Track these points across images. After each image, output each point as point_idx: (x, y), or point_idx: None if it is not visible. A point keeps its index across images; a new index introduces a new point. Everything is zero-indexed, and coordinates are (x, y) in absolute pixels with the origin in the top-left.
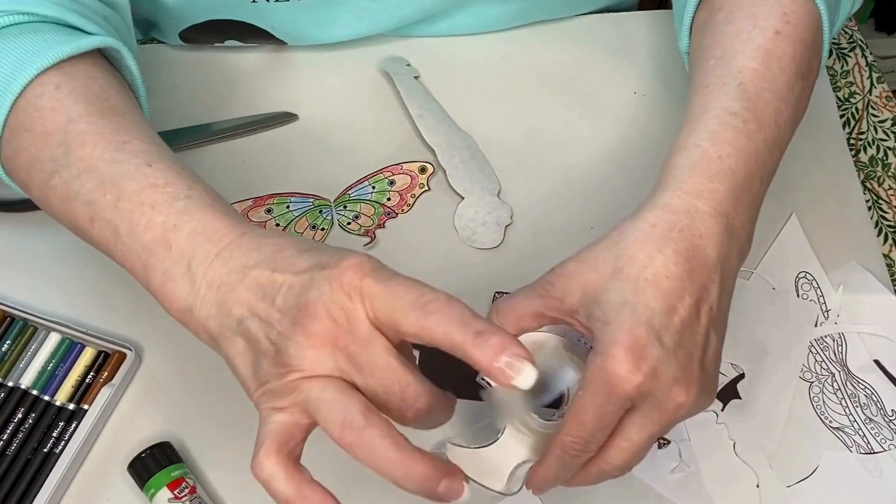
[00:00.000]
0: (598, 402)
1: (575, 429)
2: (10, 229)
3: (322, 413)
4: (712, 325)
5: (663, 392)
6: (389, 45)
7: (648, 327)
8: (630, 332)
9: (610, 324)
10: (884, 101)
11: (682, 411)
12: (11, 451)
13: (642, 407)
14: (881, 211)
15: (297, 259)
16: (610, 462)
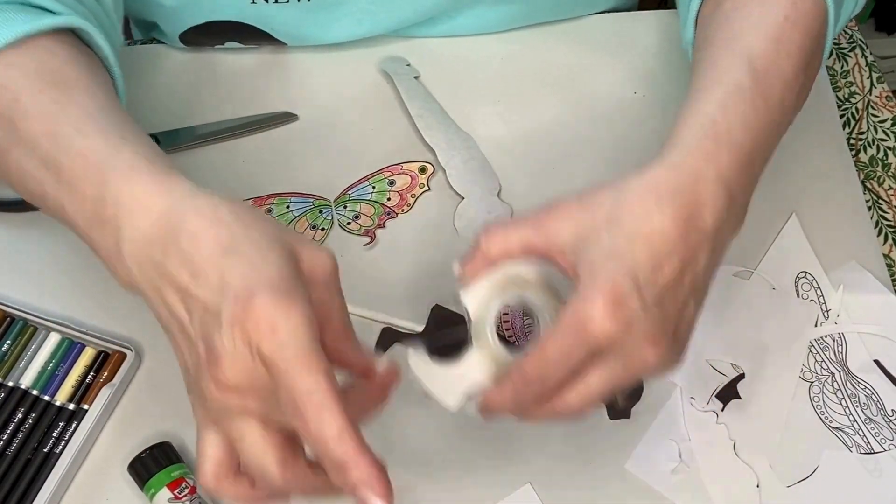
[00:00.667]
0: (567, 341)
1: (537, 361)
2: (10, 229)
3: (243, 457)
4: (693, 293)
5: (633, 346)
6: (389, 46)
7: (632, 279)
8: (613, 280)
9: (595, 268)
10: (884, 101)
11: (647, 369)
12: (11, 451)
13: (609, 357)
14: (881, 211)
15: (211, 268)
16: (564, 403)
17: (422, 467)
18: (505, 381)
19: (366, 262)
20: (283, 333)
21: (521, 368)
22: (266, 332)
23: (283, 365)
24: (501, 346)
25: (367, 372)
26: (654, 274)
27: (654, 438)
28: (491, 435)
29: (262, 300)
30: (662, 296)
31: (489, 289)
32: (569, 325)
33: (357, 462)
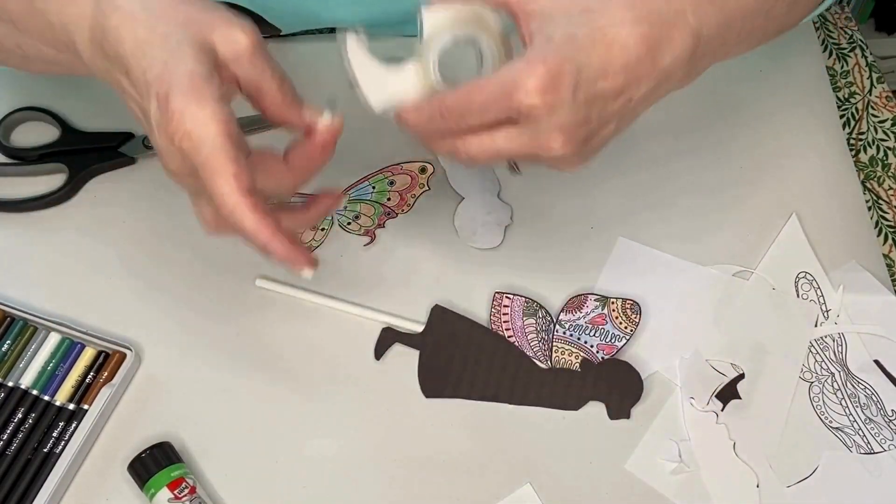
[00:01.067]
0: (493, 96)
1: (459, 101)
2: (11, 229)
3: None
4: (620, 116)
5: (546, 129)
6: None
7: (576, 70)
8: (560, 60)
9: (549, 44)
10: (884, 101)
11: (550, 156)
12: (11, 451)
13: (522, 127)
14: (881, 211)
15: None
16: (465, 147)
17: (422, 467)
18: (425, 104)
19: (366, 262)
20: (195, 136)
21: (442, 100)
22: (182, 135)
23: (199, 163)
24: (439, 74)
25: (309, 129)
26: (596, 78)
27: (654, 438)
28: (491, 435)
29: (175, 104)
30: (593, 101)
31: (450, 18)
32: (501, 81)
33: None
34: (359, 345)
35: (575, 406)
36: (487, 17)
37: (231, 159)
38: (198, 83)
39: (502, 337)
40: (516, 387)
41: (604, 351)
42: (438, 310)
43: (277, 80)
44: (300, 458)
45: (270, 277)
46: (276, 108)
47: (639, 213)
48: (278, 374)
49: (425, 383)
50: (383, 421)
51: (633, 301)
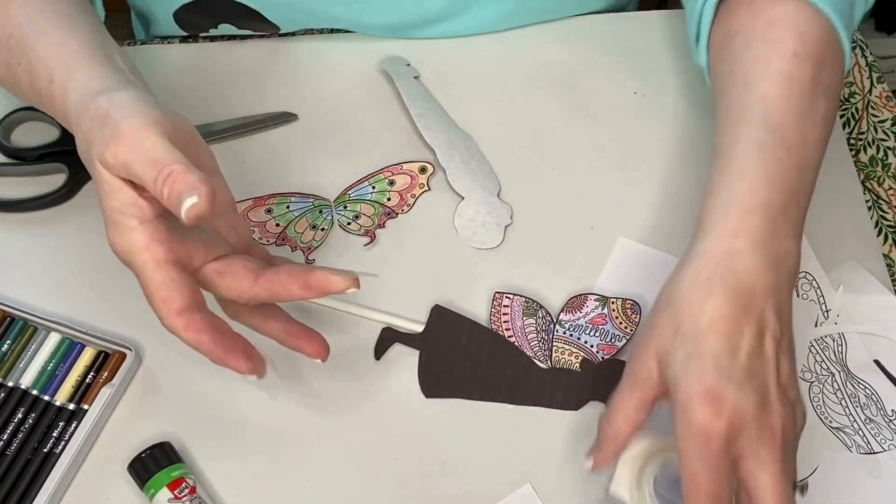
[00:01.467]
0: (701, 461)
1: (694, 498)
2: (10, 229)
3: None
4: (779, 350)
5: (753, 426)
6: (389, 45)
7: (717, 371)
8: (700, 380)
9: (681, 380)
10: (884, 101)
11: (785, 434)
12: (11, 451)
13: (746, 450)
14: (881, 211)
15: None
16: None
17: (422, 467)
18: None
19: (366, 262)
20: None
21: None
22: (125, 256)
23: (140, 283)
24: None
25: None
26: (733, 356)
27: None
28: (491, 435)
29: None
30: (751, 369)
31: (630, 470)
32: (691, 445)
33: (207, 348)
34: (359, 345)
35: (575, 406)
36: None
37: (160, 284)
38: (115, 218)
39: (502, 337)
40: (516, 387)
41: (604, 351)
42: (438, 310)
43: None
44: (300, 458)
45: None
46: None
47: (639, 213)
48: (278, 374)
49: (425, 383)
50: (383, 421)
51: (633, 301)
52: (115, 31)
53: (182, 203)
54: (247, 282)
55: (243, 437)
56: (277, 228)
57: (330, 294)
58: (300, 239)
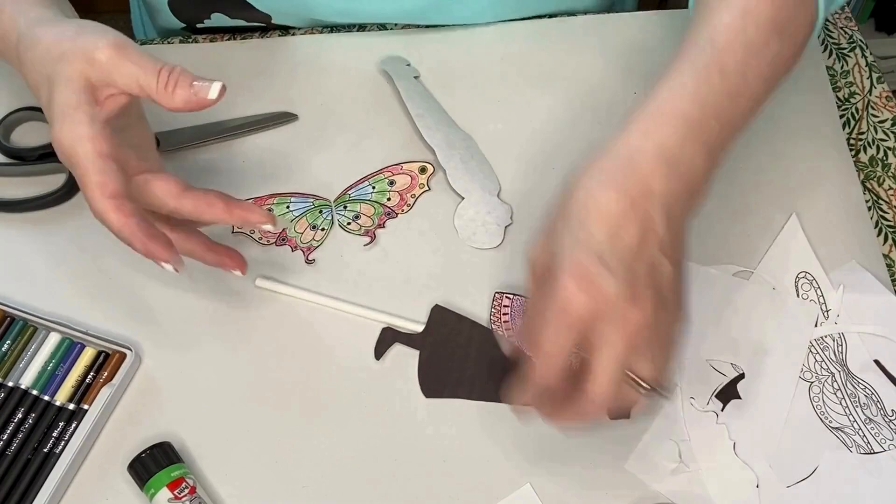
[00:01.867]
0: (551, 327)
1: (542, 361)
2: (11, 229)
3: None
4: (664, 252)
5: (614, 310)
6: (389, 46)
7: (590, 254)
8: (574, 259)
9: (561, 260)
10: (884, 101)
11: (639, 327)
12: (11, 451)
13: (601, 329)
14: (881, 211)
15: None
16: (589, 392)
17: (422, 467)
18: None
19: (366, 262)
20: (73, 155)
21: (531, 376)
22: (66, 155)
23: (77, 175)
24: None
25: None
26: (612, 244)
27: (654, 438)
28: (491, 435)
29: (55, 133)
30: (626, 260)
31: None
32: (552, 314)
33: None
34: (359, 345)
35: None
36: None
37: (98, 171)
38: (68, 113)
39: (502, 337)
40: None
41: None
42: (438, 310)
43: (155, 72)
44: (300, 458)
45: (270, 277)
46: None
47: None
48: (278, 374)
49: (425, 383)
50: (383, 421)
51: None
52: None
53: (209, 87)
54: (175, 190)
55: (243, 437)
56: (277, 228)
57: (248, 224)
58: (300, 239)
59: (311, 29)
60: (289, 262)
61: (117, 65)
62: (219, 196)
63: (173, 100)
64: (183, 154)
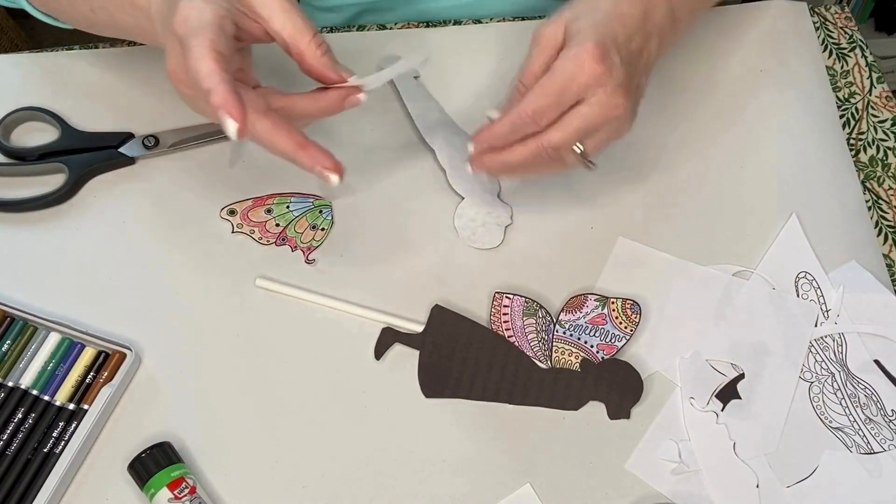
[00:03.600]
0: (564, 81)
1: (538, 97)
2: (10, 229)
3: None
4: (647, 67)
5: (611, 91)
6: (389, 46)
7: (613, 41)
8: (600, 38)
9: (583, 32)
10: (884, 101)
11: (616, 116)
12: (11, 451)
13: (590, 101)
14: (881, 211)
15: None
16: (548, 140)
17: (422, 467)
18: (504, 118)
19: (366, 262)
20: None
21: (521, 107)
22: (180, 21)
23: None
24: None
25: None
26: (626, 42)
27: (654, 438)
28: (491, 435)
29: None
30: (631, 59)
31: None
32: (564, 69)
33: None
34: (359, 345)
35: (575, 406)
36: None
37: (214, 32)
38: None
39: (502, 337)
40: (516, 387)
41: (604, 351)
42: (438, 310)
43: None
44: (300, 458)
45: (270, 277)
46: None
47: (639, 213)
48: (278, 374)
49: (425, 383)
50: (383, 421)
51: (633, 301)
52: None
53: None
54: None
55: (243, 436)
56: (277, 228)
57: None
58: (300, 239)
59: None
60: (289, 262)
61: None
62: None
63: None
64: (183, 153)
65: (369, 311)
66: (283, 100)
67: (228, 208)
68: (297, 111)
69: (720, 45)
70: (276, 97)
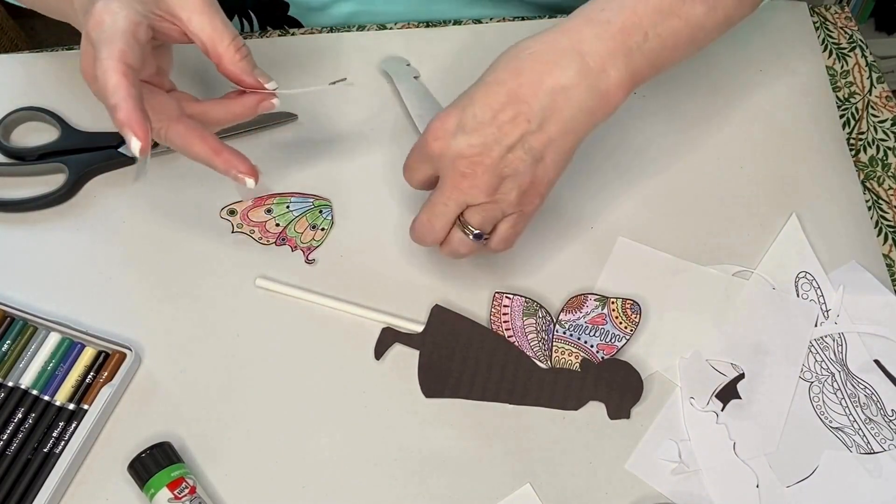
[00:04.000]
0: (416, 154)
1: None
2: (10, 229)
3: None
4: (527, 136)
5: (451, 159)
6: (389, 46)
7: (459, 112)
8: (448, 110)
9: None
10: (884, 101)
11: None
12: (11, 451)
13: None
14: (881, 211)
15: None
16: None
17: (422, 467)
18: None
19: (366, 262)
20: (104, 23)
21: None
22: (94, 24)
23: (96, 40)
24: None
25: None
26: (481, 110)
27: (654, 438)
28: (491, 435)
29: (98, 5)
30: (485, 127)
31: None
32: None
33: (122, 106)
34: (359, 345)
35: (575, 406)
36: None
37: (125, 42)
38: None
39: (502, 337)
40: (516, 387)
41: (604, 351)
42: (438, 310)
43: (230, 35)
44: (300, 458)
45: (270, 277)
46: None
47: (639, 213)
48: (278, 374)
49: (425, 383)
50: (383, 421)
51: (633, 301)
52: None
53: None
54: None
55: (243, 437)
56: (277, 228)
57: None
58: (300, 239)
59: (310, 29)
60: (289, 262)
61: (200, 9)
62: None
63: (235, 63)
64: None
65: (369, 311)
66: (197, 106)
67: (228, 208)
68: (210, 117)
69: (720, 45)
70: (189, 103)
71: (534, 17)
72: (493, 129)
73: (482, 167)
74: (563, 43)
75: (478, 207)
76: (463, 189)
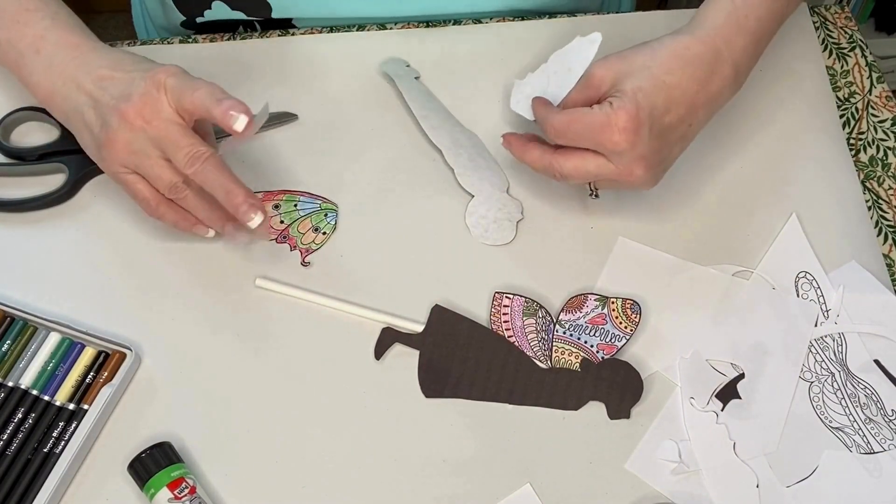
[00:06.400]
0: (588, 127)
1: (563, 124)
2: (10, 229)
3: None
4: (682, 140)
5: (629, 160)
6: (389, 46)
7: (649, 113)
8: (637, 107)
9: (626, 95)
10: (884, 101)
11: (630, 182)
12: (11, 451)
13: (611, 157)
14: (881, 211)
15: (131, 66)
16: (559, 165)
17: (422, 467)
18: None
19: (366, 262)
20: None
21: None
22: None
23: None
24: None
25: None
26: (663, 114)
27: (654, 438)
28: (491, 435)
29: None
30: (663, 132)
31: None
32: (595, 120)
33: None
34: (359, 345)
35: (575, 406)
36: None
37: (189, 139)
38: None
39: (502, 337)
40: (516, 387)
41: (604, 351)
42: (438, 310)
43: (204, 88)
44: (300, 458)
45: (270, 277)
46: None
47: (639, 213)
48: (278, 373)
49: (425, 383)
50: (383, 421)
51: (633, 301)
52: (115, 31)
53: (237, 120)
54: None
55: (243, 437)
56: (281, 225)
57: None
58: (301, 239)
59: (310, 29)
60: (289, 262)
61: (184, 91)
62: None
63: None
64: None
65: (369, 311)
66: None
67: None
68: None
69: None
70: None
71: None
72: (675, 135)
73: (652, 171)
74: (719, 45)
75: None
76: (622, 180)
